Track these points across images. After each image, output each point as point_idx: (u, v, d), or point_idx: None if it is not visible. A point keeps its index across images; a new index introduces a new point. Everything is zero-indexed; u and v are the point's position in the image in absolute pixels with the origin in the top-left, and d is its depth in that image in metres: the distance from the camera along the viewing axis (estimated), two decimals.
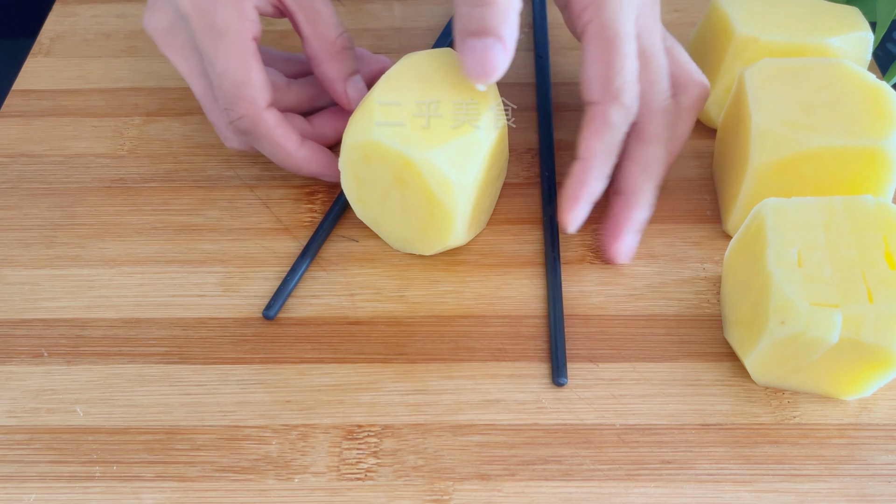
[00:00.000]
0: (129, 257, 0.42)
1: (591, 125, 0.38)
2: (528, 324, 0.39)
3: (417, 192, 0.37)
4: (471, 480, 0.34)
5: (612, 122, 0.38)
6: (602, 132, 0.38)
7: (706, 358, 0.38)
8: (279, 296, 0.39)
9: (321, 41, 0.41)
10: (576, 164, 0.38)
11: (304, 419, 0.36)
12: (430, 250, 0.40)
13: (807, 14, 0.43)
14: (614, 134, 0.38)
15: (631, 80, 0.38)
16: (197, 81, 0.42)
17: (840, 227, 0.34)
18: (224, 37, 0.38)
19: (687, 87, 0.41)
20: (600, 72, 0.37)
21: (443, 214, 0.37)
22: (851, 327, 0.32)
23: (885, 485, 0.34)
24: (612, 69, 0.37)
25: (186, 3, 0.38)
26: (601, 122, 0.38)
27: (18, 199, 0.44)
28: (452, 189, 0.36)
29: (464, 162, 0.36)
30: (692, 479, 0.34)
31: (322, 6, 0.41)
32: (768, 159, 0.37)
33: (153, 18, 0.41)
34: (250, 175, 0.45)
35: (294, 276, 0.40)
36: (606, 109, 0.37)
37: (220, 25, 0.38)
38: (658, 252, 0.41)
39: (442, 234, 0.38)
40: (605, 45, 0.37)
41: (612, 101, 0.37)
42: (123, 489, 0.34)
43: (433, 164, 0.35)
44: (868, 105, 0.37)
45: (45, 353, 0.38)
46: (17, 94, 0.50)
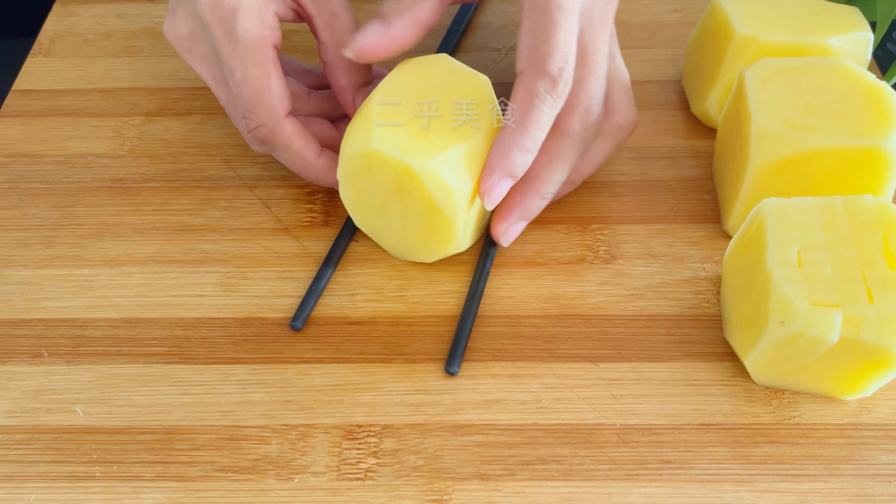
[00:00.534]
0: (129, 257, 0.42)
1: (515, 95, 0.36)
2: (528, 324, 0.39)
3: (418, 200, 0.36)
4: (471, 480, 0.34)
5: (536, 91, 0.36)
6: (525, 103, 0.36)
7: (706, 358, 0.38)
8: (305, 306, 0.39)
9: (338, 47, 0.40)
10: (499, 132, 0.37)
11: (304, 419, 0.36)
12: (431, 258, 0.40)
13: (807, 14, 0.43)
14: (539, 106, 0.36)
15: (561, 52, 0.36)
16: (221, 89, 0.41)
17: (840, 227, 0.34)
18: (243, 44, 0.38)
19: (613, 112, 0.41)
20: (530, 42, 0.36)
21: (444, 223, 0.37)
22: (851, 327, 0.32)
23: (885, 485, 0.34)
24: (540, 37, 0.36)
25: (207, 10, 0.38)
26: (524, 91, 0.36)
27: (18, 199, 0.44)
28: (454, 197, 0.36)
29: (465, 170, 0.36)
30: (692, 479, 0.34)
31: (341, 11, 0.40)
32: (768, 159, 0.37)
33: (174, 26, 0.41)
34: (250, 175, 0.45)
35: (319, 285, 0.40)
36: (531, 77, 0.36)
37: (240, 33, 0.38)
38: (658, 252, 0.41)
39: (443, 243, 0.38)
40: (537, 14, 0.36)
41: (537, 68, 0.36)
42: (123, 489, 0.34)
43: (434, 172, 0.35)
44: (868, 105, 0.37)
45: (45, 353, 0.38)
46: (17, 94, 0.50)
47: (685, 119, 0.48)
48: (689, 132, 0.47)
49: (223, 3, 0.37)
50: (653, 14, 0.53)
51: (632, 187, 0.44)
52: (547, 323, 0.39)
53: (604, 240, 0.42)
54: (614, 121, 0.41)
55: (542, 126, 0.36)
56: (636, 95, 0.42)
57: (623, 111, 0.41)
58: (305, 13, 0.40)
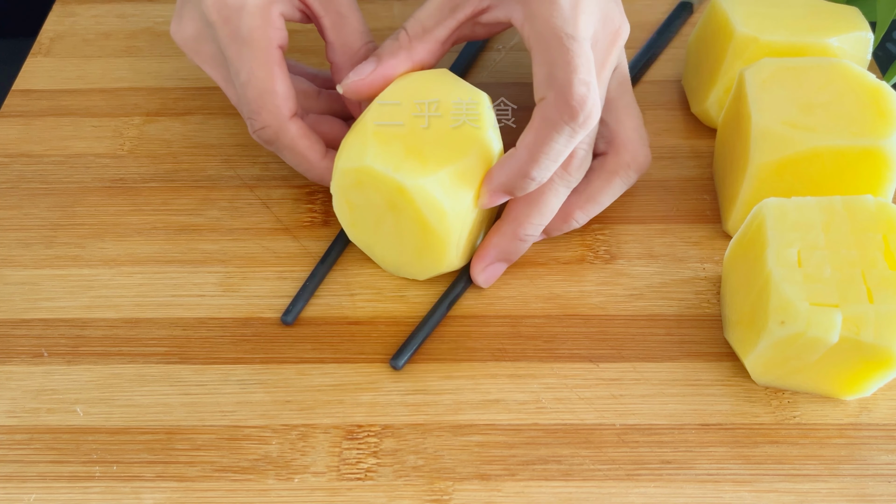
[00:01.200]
0: (129, 257, 0.42)
1: (531, 122, 0.35)
2: (528, 324, 0.39)
3: (411, 219, 0.36)
4: (471, 480, 0.34)
5: (552, 120, 0.34)
6: (540, 131, 0.34)
7: (706, 358, 0.38)
8: (298, 302, 0.39)
9: (344, 48, 0.40)
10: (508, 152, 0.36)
11: (304, 419, 0.36)
12: (424, 275, 0.39)
13: (807, 14, 0.43)
14: (555, 137, 0.34)
15: (582, 79, 0.34)
16: (230, 89, 0.41)
17: (840, 227, 0.34)
18: (248, 45, 0.37)
19: (620, 150, 0.40)
20: (546, 72, 0.34)
21: (437, 242, 0.36)
22: (851, 327, 0.32)
23: (885, 485, 0.34)
24: (556, 65, 0.34)
25: (212, 11, 0.38)
26: (540, 119, 0.34)
27: (18, 199, 0.44)
28: (447, 217, 0.35)
29: (458, 189, 0.36)
30: (692, 479, 0.34)
31: (349, 13, 0.40)
32: (768, 159, 0.37)
33: (181, 28, 0.40)
34: (250, 175, 0.45)
35: (313, 282, 0.40)
36: (548, 106, 0.34)
37: (245, 33, 0.37)
38: (658, 252, 0.41)
39: (436, 261, 0.38)
40: (546, 45, 0.34)
41: (556, 96, 0.34)
42: (123, 489, 0.34)
43: (427, 191, 0.35)
44: (868, 105, 0.37)
45: (45, 353, 0.38)
46: (17, 94, 0.50)
47: (685, 119, 0.48)
48: (689, 132, 0.47)
49: (228, 3, 0.37)
50: (653, 14, 0.53)
51: (632, 187, 0.44)
52: (547, 323, 0.39)
53: (604, 240, 0.42)
54: (622, 159, 0.40)
55: (554, 157, 0.35)
56: (636, 95, 0.42)
57: (632, 150, 0.40)
58: (312, 13, 0.40)
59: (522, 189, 0.36)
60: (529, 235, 0.38)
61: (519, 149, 0.35)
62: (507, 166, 0.36)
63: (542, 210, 0.38)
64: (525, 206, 0.38)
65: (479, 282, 0.39)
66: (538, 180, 0.36)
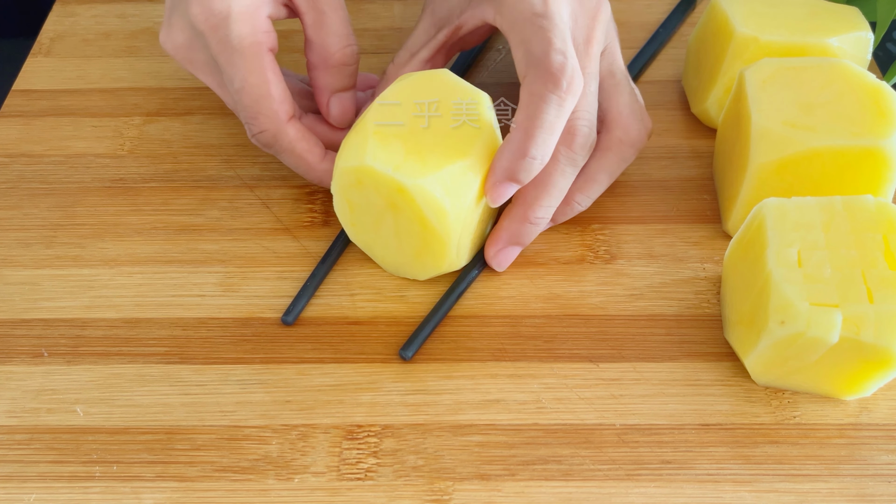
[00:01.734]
0: (129, 257, 0.42)
1: (520, 102, 0.36)
2: (528, 324, 0.39)
3: (411, 219, 0.36)
4: (471, 480, 0.34)
5: (538, 92, 0.35)
6: (529, 106, 0.35)
7: (706, 358, 0.38)
8: (298, 302, 0.39)
9: (322, 49, 0.40)
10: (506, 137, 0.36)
11: (304, 419, 0.36)
12: (424, 276, 0.39)
13: (807, 14, 0.43)
14: (544, 108, 0.35)
15: (558, 48, 0.35)
16: (226, 94, 0.41)
17: (840, 227, 0.34)
18: (239, 53, 0.37)
19: (612, 127, 0.40)
20: (523, 50, 0.35)
21: (437, 242, 0.36)
22: (851, 327, 0.32)
23: (885, 485, 0.34)
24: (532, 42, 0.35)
25: (200, 20, 0.37)
26: (527, 94, 0.35)
27: (18, 199, 0.44)
28: (447, 217, 0.35)
29: (458, 188, 0.36)
30: (692, 479, 0.34)
31: (332, 14, 0.40)
32: (768, 159, 0.37)
33: (171, 36, 0.40)
34: (250, 175, 0.45)
35: (314, 281, 0.40)
36: (531, 80, 0.35)
37: (235, 41, 0.37)
38: (658, 252, 0.41)
39: (436, 262, 0.38)
40: (520, 28, 0.35)
41: (536, 68, 0.35)
42: (123, 489, 0.34)
43: (427, 191, 0.35)
44: (868, 105, 0.37)
45: (45, 353, 0.38)
46: (17, 94, 0.50)
47: (685, 119, 0.48)
48: (689, 132, 0.47)
49: (214, 11, 0.37)
50: (653, 14, 0.53)
51: (632, 187, 0.44)
52: (547, 323, 0.39)
53: (604, 240, 0.42)
54: (613, 135, 0.40)
55: (548, 129, 0.35)
56: None
57: (624, 126, 0.40)
58: (296, 9, 0.40)
59: (526, 171, 0.36)
60: (540, 218, 0.39)
61: (513, 132, 0.36)
62: (506, 151, 0.36)
63: (550, 191, 0.38)
64: (534, 189, 0.38)
65: (494, 266, 0.40)
66: (539, 158, 0.36)
